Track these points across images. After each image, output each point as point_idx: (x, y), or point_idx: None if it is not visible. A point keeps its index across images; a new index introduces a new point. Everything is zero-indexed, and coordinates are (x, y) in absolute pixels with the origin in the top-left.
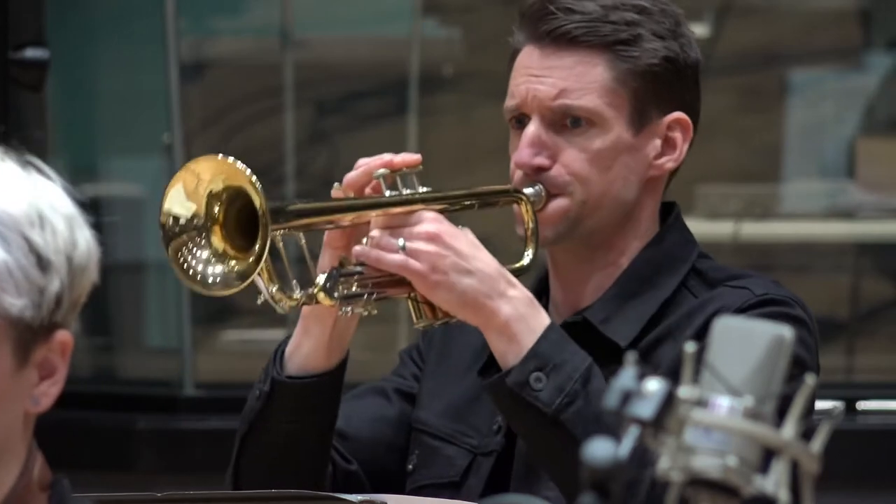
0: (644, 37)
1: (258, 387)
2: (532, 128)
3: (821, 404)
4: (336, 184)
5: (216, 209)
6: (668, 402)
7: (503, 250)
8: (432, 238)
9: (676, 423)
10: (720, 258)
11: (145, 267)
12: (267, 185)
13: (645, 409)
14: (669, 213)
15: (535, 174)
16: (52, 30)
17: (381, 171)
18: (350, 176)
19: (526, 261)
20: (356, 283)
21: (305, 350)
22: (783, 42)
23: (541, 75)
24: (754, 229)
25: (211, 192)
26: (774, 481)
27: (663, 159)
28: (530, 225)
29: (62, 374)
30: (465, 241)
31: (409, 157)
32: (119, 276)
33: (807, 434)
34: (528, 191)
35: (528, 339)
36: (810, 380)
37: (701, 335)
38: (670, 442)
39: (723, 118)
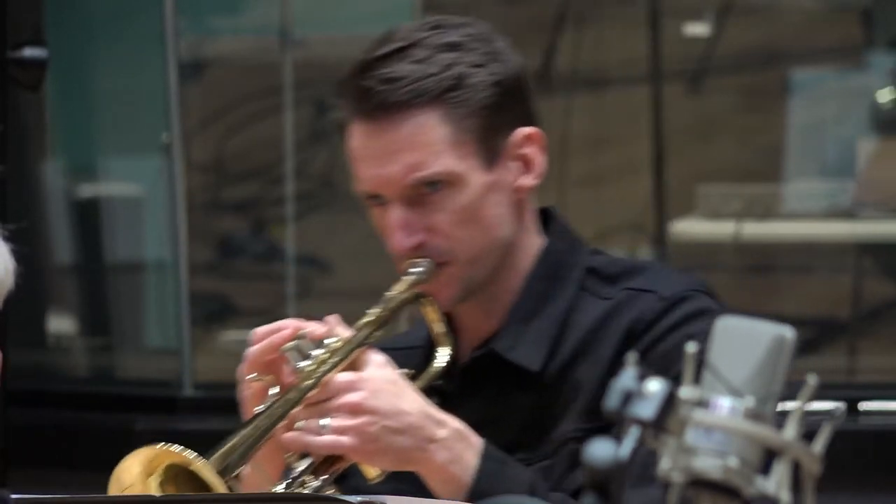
0: (466, 74)
1: None
2: (395, 212)
3: (822, 405)
4: (249, 376)
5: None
6: (669, 402)
7: None
8: (353, 409)
9: (677, 424)
10: (721, 258)
11: (144, 267)
12: (266, 185)
13: (646, 409)
14: (549, 219)
15: (416, 253)
16: (50, 29)
17: (289, 344)
18: (252, 352)
19: (443, 361)
20: (310, 475)
21: None
22: (784, 41)
23: (383, 156)
24: (755, 229)
25: (155, 480)
26: (776, 482)
27: (524, 179)
28: (439, 327)
29: None
30: (385, 395)
31: (318, 328)
32: (118, 276)
33: (808, 435)
34: (416, 270)
35: (466, 477)
36: (812, 380)
37: (621, 352)
38: (671, 443)
39: (723, 118)
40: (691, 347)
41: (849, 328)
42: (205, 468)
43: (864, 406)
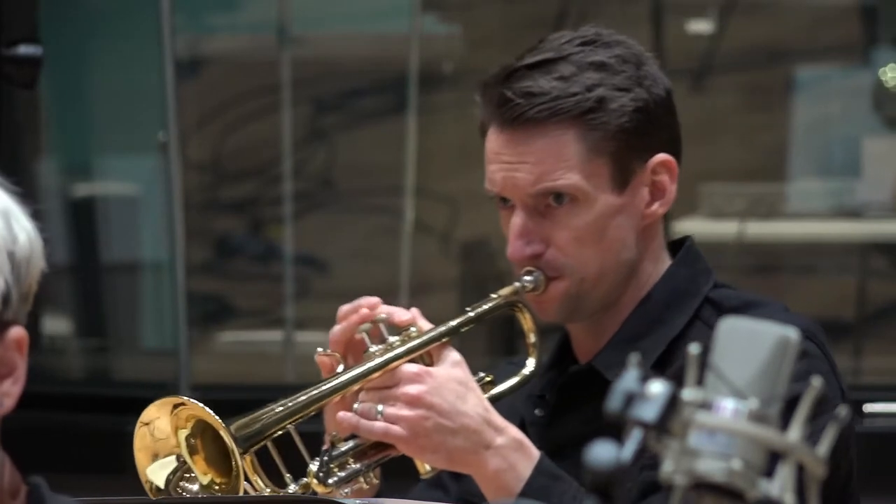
0: (609, 98)
1: None
2: (518, 219)
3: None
4: (319, 348)
5: (193, 442)
6: (672, 404)
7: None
8: (412, 401)
9: (680, 426)
10: (724, 258)
11: (140, 267)
12: (264, 184)
13: (648, 411)
14: (680, 249)
15: (531, 262)
16: (45, 26)
17: (365, 325)
18: (333, 333)
19: (527, 371)
20: (352, 458)
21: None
22: (788, 39)
23: (514, 162)
24: (759, 229)
25: (184, 432)
26: (780, 485)
27: (654, 206)
28: (531, 337)
29: (22, 372)
30: (448, 394)
31: (400, 315)
32: (114, 276)
33: (813, 437)
34: (526, 279)
35: (516, 488)
36: (816, 382)
37: None
38: (674, 445)
39: (727, 116)
40: (694, 349)
41: (853, 329)
42: (225, 433)
43: (869, 408)
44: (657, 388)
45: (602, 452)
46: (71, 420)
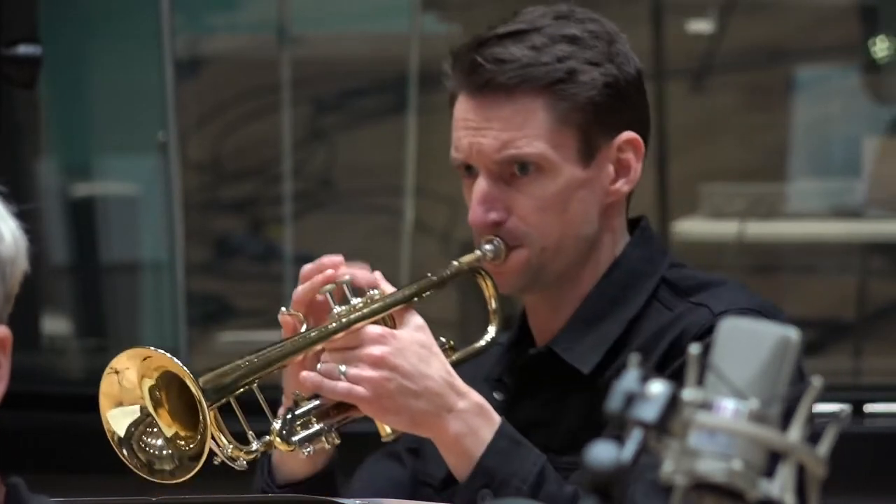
0: (579, 70)
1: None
2: (481, 184)
3: (827, 407)
4: (283, 308)
5: (158, 395)
6: (672, 404)
7: None
8: (375, 362)
9: (680, 426)
10: (724, 258)
11: (140, 267)
12: (264, 184)
13: (648, 411)
14: (636, 228)
15: (492, 230)
16: (45, 26)
17: (328, 286)
18: (297, 293)
19: (489, 337)
20: (314, 417)
21: (291, 462)
22: (789, 39)
23: (481, 128)
24: (759, 229)
25: (149, 383)
26: (780, 485)
27: (619, 183)
28: (493, 303)
29: (6, 371)
30: (411, 356)
31: (363, 276)
32: (114, 276)
33: (813, 437)
34: (486, 247)
35: (477, 452)
36: (817, 382)
37: (663, 364)
38: (674, 445)
39: (727, 116)
40: (694, 349)
41: (854, 329)
42: (192, 383)
43: (870, 408)
44: (657, 388)
45: (602, 452)
46: (71, 420)
